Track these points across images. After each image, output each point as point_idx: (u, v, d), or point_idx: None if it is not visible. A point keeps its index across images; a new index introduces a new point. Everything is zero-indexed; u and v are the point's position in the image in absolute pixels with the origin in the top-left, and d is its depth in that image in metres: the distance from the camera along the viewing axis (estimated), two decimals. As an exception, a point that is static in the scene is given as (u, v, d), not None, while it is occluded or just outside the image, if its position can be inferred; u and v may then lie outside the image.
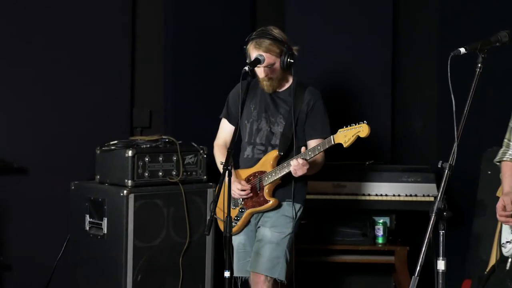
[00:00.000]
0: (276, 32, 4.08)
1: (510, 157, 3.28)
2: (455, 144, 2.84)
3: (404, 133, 5.60)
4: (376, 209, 5.06)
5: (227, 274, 3.51)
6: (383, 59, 5.52)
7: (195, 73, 5.53)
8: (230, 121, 4.31)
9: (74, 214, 4.82)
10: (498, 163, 3.35)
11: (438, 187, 4.69)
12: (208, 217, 4.63)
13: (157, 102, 5.56)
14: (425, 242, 2.67)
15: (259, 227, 4.19)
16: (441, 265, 2.78)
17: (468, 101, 2.93)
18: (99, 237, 4.61)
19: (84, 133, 5.18)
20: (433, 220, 2.74)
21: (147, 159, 4.63)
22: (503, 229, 3.24)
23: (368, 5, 5.52)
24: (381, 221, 5.05)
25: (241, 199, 4.18)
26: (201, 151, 4.85)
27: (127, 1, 5.42)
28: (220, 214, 4.15)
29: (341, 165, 5.03)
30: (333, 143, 3.88)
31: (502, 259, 3.29)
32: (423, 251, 2.66)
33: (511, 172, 3.24)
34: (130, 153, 4.57)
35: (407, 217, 5.17)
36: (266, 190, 4.11)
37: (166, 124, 5.51)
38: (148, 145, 4.71)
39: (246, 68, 3.79)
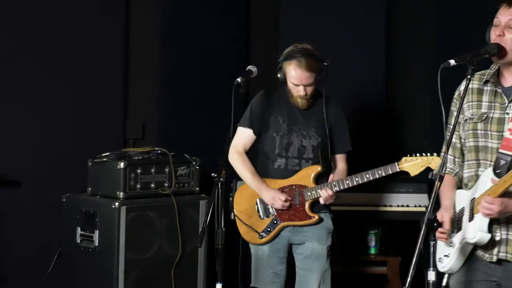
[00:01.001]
0: (312, 49, 4.13)
1: (448, 170, 3.27)
2: (445, 155, 2.85)
3: (397, 144, 5.60)
4: (368, 220, 5.06)
5: (219, 286, 3.50)
6: (376, 70, 5.54)
7: (189, 85, 5.52)
8: (254, 131, 4.27)
9: (66, 227, 4.80)
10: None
11: (430, 198, 4.68)
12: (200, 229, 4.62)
13: (150, 114, 5.55)
14: (416, 253, 2.67)
15: (304, 242, 4.20)
16: (431, 275, 2.78)
17: (457, 112, 2.94)
18: (90, 249, 4.60)
19: (77, 145, 5.16)
20: (423, 231, 2.73)
21: (139, 171, 4.64)
22: (438, 244, 3.17)
23: (362, 18, 5.54)
24: (373, 231, 5.06)
25: (273, 210, 4.18)
26: (194, 163, 4.85)
27: (121, 12, 5.41)
28: (243, 218, 4.21)
29: (334, 176, 5.03)
30: (397, 170, 4.06)
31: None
32: (413, 262, 2.66)
33: (449, 185, 3.21)
34: (122, 165, 4.57)
35: (399, 227, 5.17)
36: (307, 205, 4.16)
37: (159, 136, 5.49)
38: (140, 157, 4.72)
39: (239, 79, 3.78)
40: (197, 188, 4.87)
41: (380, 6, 5.56)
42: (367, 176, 4.11)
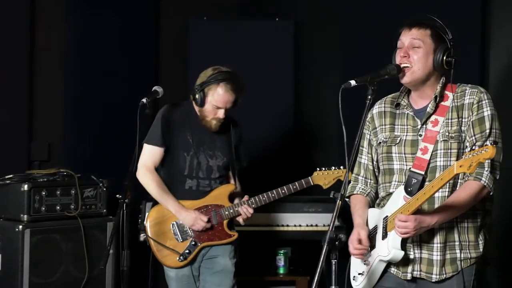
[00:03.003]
0: (235, 72, 4.18)
1: (360, 190, 3.34)
2: (347, 175, 2.90)
3: (305, 165, 5.67)
4: (277, 240, 5.09)
5: (125, 308, 3.47)
6: (285, 98, 5.65)
7: (95, 106, 5.47)
8: (166, 147, 4.22)
9: (-32, 251, 4.69)
10: (347, 199, 3.39)
11: (339, 217, 4.75)
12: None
13: (56, 135, 5.47)
14: (318, 271, 2.70)
15: (216, 256, 4.21)
16: (334, 293, 2.83)
17: (359, 133, 2.98)
18: (-7, 274, 4.50)
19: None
20: (325, 250, 2.76)
21: (44, 193, 4.58)
22: (353, 261, 3.25)
23: (271, 41, 5.63)
24: (282, 251, 5.10)
25: (191, 231, 4.15)
26: (101, 184, 4.80)
27: (25, 32, 5.33)
28: (161, 242, 4.14)
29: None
30: (311, 184, 4.25)
31: None
32: (315, 281, 2.69)
33: (361, 204, 3.29)
34: (26, 187, 4.51)
35: (308, 246, 5.21)
36: (225, 224, 4.20)
37: (65, 157, 5.41)
38: (45, 179, 4.66)
39: (144, 100, 3.78)
40: (104, 210, 4.83)
41: (289, 29, 5.65)
42: (283, 191, 4.23)
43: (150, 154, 4.20)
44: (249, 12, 5.91)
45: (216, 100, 4.10)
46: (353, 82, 2.95)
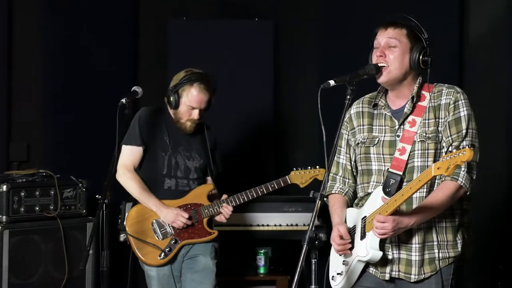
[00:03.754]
0: (206, 73, 4.21)
1: (338, 190, 3.35)
2: (326, 174, 2.91)
3: (285, 164, 5.68)
4: (257, 239, 5.10)
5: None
6: (265, 98, 5.65)
7: (74, 106, 5.45)
8: (145, 148, 4.22)
9: None
10: (325, 198, 3.38)
11: (319, 217, 4.77)
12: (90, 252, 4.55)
13: (35, 136, 5.45)
14: (298, 271, 2.71)
15: (197, 256, 4.22)
16: (314, 292, 2.84)
17: (338, 132, 3.00)
18: (-29, 275, 4.47)
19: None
20: (305, 249, 2.77)
21: (23, 193, 4.56)
22: (331, 261, 3.27)
23: (250, 40, 5.63)
24: (262, 251, 5.11)
25: (171, 229, 4.15)
26: (80, 185, 4.79)
27: (3, 32, 5.31)
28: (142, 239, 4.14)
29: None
30: (289, 183, 4.32)
31: None
32: (295, 280, 2.70)
33: (339, 204, 3.30)
34: (4, 187, 4.50)
35: (289, 246, 5.23)
36: (204, 222, 4.21)
37: (44, 158, 5.40)
38: (24, 180, 4.65)
39: (123, 100, 3.77)
40: (84, 211, 4.82)
41: (268, 29, 5.66)
42: (261, 190, 4.27)
43: (129, 154, 4.20)
44: (228, 12, 5.91)
45: (190, 101, 4.13)
46: (332, 82, 2.96)
